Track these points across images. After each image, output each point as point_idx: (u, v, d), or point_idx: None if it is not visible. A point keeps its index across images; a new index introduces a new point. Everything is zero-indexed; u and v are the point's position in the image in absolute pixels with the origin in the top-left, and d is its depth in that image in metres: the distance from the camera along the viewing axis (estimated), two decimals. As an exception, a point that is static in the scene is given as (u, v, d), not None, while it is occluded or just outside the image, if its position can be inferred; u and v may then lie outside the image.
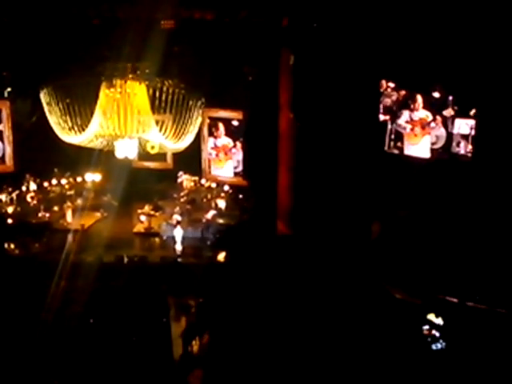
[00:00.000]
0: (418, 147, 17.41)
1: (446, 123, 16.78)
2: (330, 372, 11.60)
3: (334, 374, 11.53)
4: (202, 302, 14.86)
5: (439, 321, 13.39)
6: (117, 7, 17.47)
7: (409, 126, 17.45)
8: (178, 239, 18.14)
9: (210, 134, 21.26)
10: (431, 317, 13.47)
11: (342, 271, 16.11)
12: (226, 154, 21.20)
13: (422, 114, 17.17)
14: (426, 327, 13.20)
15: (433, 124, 17.01)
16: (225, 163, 21.31)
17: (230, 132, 20.93)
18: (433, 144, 17.17)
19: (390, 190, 17.62)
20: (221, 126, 20.98)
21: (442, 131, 16.90)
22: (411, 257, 16.34)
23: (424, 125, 17.17)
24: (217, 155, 21.40)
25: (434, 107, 16.98)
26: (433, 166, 17.27)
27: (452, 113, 16.57)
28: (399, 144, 17.81)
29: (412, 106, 17.28)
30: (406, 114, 17.48)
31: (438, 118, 16.86)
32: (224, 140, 21.12)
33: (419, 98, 17.09)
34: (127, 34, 16.92)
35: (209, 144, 21.34)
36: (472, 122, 16.39)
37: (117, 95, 17.85)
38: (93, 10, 17.55)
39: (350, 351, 12.22)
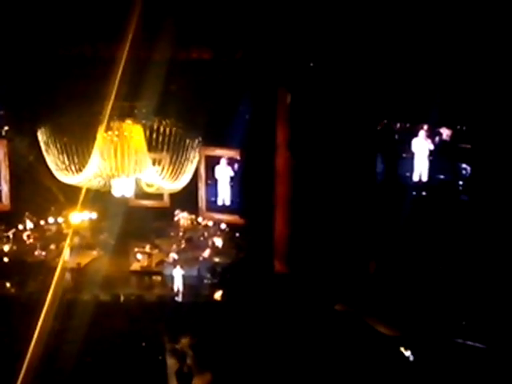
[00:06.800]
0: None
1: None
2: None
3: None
4: (198, 340, 14.79)
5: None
6: (113, 47, 17.60)
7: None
8: (176, 278, 18.08)
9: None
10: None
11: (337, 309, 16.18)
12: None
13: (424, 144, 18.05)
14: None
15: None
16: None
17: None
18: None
19: (386, 224, 17.76)
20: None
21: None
22: (407, 293, 16.43)
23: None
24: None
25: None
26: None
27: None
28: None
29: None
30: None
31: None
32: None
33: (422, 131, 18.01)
34: (124, 73, 17.03)
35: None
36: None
37: (114, 138, 17.89)
38: (90, 49, 17.71)
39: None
